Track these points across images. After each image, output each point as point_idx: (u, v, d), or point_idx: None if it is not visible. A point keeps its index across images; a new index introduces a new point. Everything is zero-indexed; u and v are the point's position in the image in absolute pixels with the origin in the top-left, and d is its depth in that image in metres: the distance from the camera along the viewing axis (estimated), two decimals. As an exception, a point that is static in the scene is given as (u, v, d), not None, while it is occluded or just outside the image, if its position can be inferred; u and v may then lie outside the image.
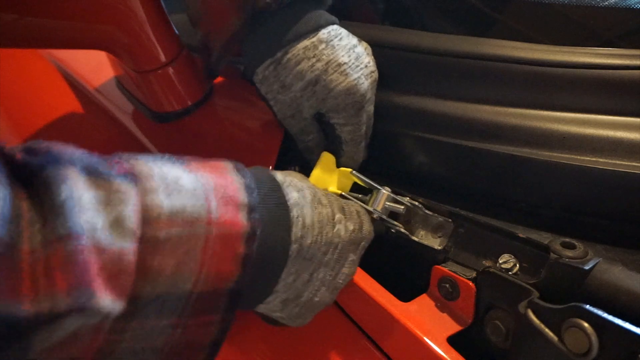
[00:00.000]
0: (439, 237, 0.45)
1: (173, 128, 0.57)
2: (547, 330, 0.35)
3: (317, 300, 0.40)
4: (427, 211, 0.46)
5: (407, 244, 0.46)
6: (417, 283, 0.45)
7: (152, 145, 0.58)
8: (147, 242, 0.29)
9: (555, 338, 0.34)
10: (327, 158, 0.47)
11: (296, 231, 0.37)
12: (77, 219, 0.26)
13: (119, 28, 0.50)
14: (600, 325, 0.32)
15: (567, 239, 0.38)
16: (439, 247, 0.45)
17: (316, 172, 0.47)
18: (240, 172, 0.36)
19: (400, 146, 0.52)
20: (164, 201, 0.30)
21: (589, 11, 0.50)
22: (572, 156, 0.42)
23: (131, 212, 0.28)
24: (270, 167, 0.48)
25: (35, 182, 0.27)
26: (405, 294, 0.43)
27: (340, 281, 0.41)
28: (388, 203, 0.46)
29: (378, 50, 0.51)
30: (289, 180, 0.39)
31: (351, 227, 0.41)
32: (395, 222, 0.46)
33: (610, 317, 0.32)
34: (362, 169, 0.48)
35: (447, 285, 0.42)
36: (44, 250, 0.25)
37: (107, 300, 0.27)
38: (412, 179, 0.51)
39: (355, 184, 0.48)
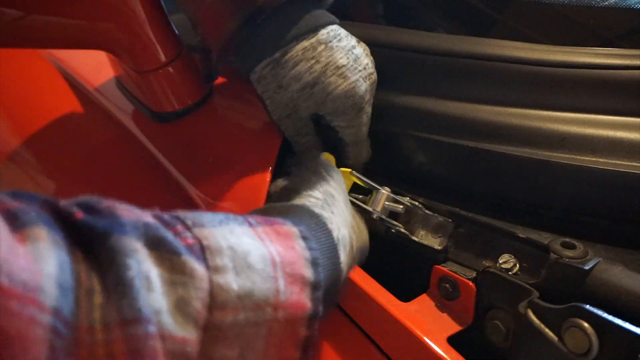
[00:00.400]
0: (439, 237, 0.45)
1: (173, 128, 0.57)
2: (547, 330, 0.35)
3: None
4: (427, 211, 0.46)
5: (407, 244, 0.46)
6: (417, 283, 0.45)
7: (152, 145, 0.58)
8: (213, 329, 0.27)
9: (555, 338, 0.34)
10: (326, 158, 0.47)
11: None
12: (145, 301, 0.23)
13: (119, 28, 0.50)
14: (600, 325, 0.32)
15: (567, 239, 0.38)
16: (439, 247, 0.44)
17: None
18: (306, 241, 0.33)
19: (400, 146, 0.52)
20: (232, 283, 0.28)
21: (589, 11, 0.50)
22: (572, 156, 0.42)
23: (197, 297, 0.26)
24: (270, 167, 0.48)
25: (97, 250, 0.24)
26: (405, 294, 0.43)
27: None
28: (387, 203, 0.46)
29: (378, 50, 0.51)
30: (340, 235, 0.38)
31: (358, 244, 0.42)
32: (395, 222, 0.46)
33: (610, 317, 0.32)
34: (362, 169, 0.48)
35: (447, 285, 0.42)
36: (106, 332, 0.23)
37: None
38: (412, 179, 0.51)
39: (354, 183, 0.48)
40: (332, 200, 0.40)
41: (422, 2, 0.60)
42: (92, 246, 0.24)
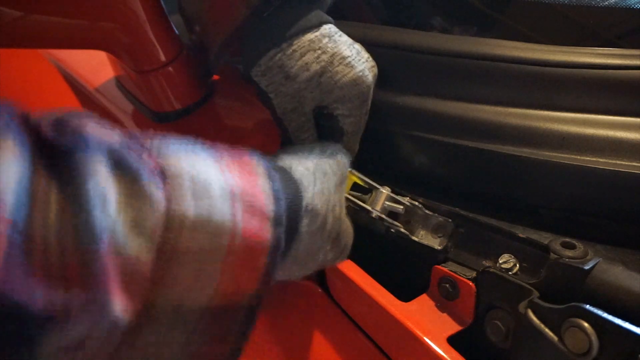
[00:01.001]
0: (439, 237, 0.45)
1: (173, 128, 0.57)
2: (547, 330, 0.35)
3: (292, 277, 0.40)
4: (427, 211, 0.46)
5: (407, 244, 0.46)
6: (417, 283, 0.45)
7: (152, 145, 0.57)
8: (167, 250, 0.28)
9: (555, 338, 0.34)
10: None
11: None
12: (100, 217, 0.24)
13: (119, 28, 0.50)
14: (600, 325, 0.32)
15: (567, 239, 0.38)
16: (439, 247, 0.44)
17: None
18: (270, 176, 0.34)
19: (400, 146, 0.52)
20: (189, 209, 0.28)
21: (589, 11, 0.50)
22: (573, 156, 0.42)
23: (153, 218, 0.27)
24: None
25: (60, 165, 0.24)
26: (405, 294, 0.43)
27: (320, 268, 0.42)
28: (387, 202, 0.46)
29: (378, 50, 0.51)
30: (291, 203, 0.37)
31: (330, 257, 0.41)
32: (395, 222, 0.46)
33: (610, 317, 0.32)
34: (362, 169, 0.48)
35: (447, 285, 0.42)
36: (60, 246, 0.23)
37: (121, 305, 0.25)
38: (412, 179, 0.51)
39: (354, 183, 0.48)
40: (320, 171, 0.41)
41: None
42: (55, 162, 0.24)
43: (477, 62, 0.48)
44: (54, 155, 0.25)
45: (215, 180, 0.31)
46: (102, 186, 0.25)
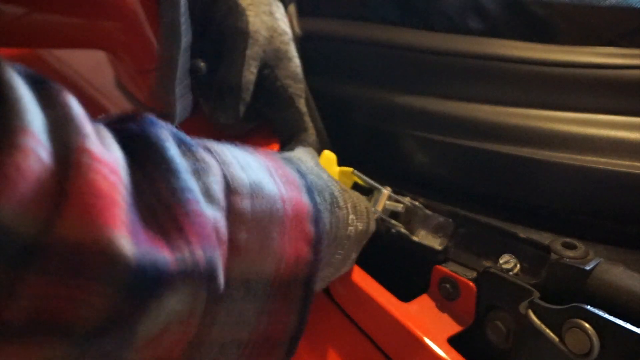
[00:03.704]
0: (439, 237, 0.45)
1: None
2: (547, 330, 0.35)
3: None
4: (427, 211, 0.46)
5: (407, 244, 0.46)
6: (417, 283, 0.45)
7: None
8: (234, 214, 0.28)
9: (556, 339, 0.34)
10: (328, 156, 0.47)
11: None
12: (186, 178, 0.25)
13: (119, 28, 0.50)
14: (601, 325, 0.32)
15: (568, 239, 0.38)
16: (439, 247, 0.44)
17: None
18: (287, 161, 0.36)
19: (400, 146, 0.52)
20: (242, 174, 0.29)
21: (589, 11, 0.50)
22: (573, 156, 0.42)
23: (216, 183, 0.27)
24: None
25: (138, 144, 0.25)
26: (406, 294, 0.43)
27: (336, 277, 0.41)
28: (388, 202, 0.46)
29: (378, 50, 0.51)
30: (310, 179, 0.37)
31: (360, 227, 0.40)
32: (396, 222, 0.46)
33: (611, 318, 0.32)
34: (362, 169, 0.48)
35: (448, 286, 0.42)
36: (162, 205, 0.24)
37: (220, 266, 0.26)
38: (412, 179, 0.51)
39: (355, 183, 0.48)
40: (296, 159, 0.40)
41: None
42: (133, 145, 0.25)
43: (477, 62, 0.48)
44: (130, 139, 0.26)
45: (251, 160, 0.32)
46: (177, 153, 0.26)
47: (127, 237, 0.21)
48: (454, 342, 0.40)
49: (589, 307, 0.33)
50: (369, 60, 0.54)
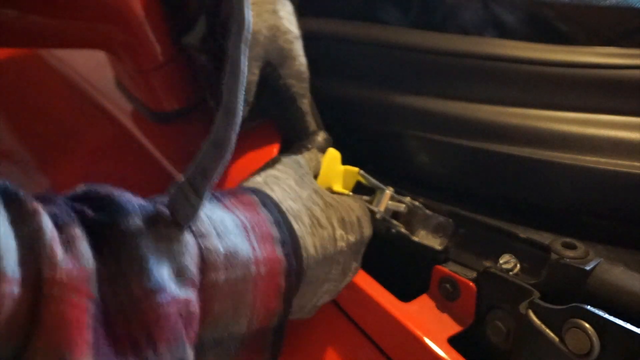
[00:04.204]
0: (440, 237, 0.45)
1: (173, 128, 0.57)
2: (548, 330, 0.35)
3: (319, 304, 0.41)
4: (427, 211, 0.46)
5: (407, 244, 0.46)
6: (417, 283, 0.45)
7: (152, 145, 0.57)
8: (208, 287, 0.29)
9: (556, 339, 0.34)
10: (332, 155, 0.47)
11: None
12: (158, 272, 0.26)
13: (119, 27, 0.50)
14: (601, 325, 0.32)
15: (568, 239, 0.38)
16: (440, 247, 0.44)
17: (321, 170, 0.46)
18: (267, 206, 0.36)
19: (400, 146, 0.52)
20: (218, 246, 0.30)
21: (589, 11, 0.50)
22: (573, 156, 0.42)
23: (191, 262, 0.29)
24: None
25: (108, 238, 0.26)
26: (405, 294, 0.43)
27: (343, 286, 0.42)
28: (390, 202, 0.46)
29: (378, 50, 0.51)
30: (285, 207, 0.38)
31: (352, 239, 0.41)
32: (396, 222, 0.46)
33: (611, 318, 0.32)
34: (361, 169, 0.48)
35: (448, 286, 0.42)
36: (134, 305, 0.25)
37: (189, 350, 0.27)
38: (412, 179, 0.51)
39: (357, 183, 0.48)
40: (272, 180, 0.40)
41: None
42: (103, 235, 0.26)
43: (477, 62, 0.48)
44: (102, 229, 0.27)
45: (227, 218, 0.33)
46: (149, 244, 0.27)
47: (89, 358, 0.23)
48: (454, 342, 0.40)
49: (589, 307, 0.33)
50: (369, 60, 0.54)
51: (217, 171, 0.29)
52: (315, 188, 0.41)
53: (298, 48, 0.50)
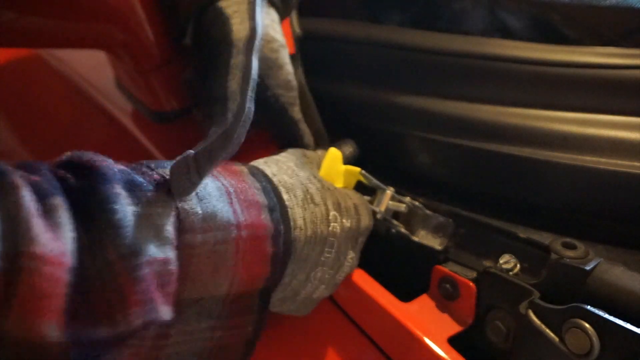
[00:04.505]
0: (439, 237, 0.45)
1: (173, 128, 0.57)
2: (548, 330, 0.35)
3: (315, 297, 0.41)
4: (427, 211, 0.46)
5: (407, 244, 0.46)
6: (417, 283, 0.45)
7: (152, 145, 0.57)
8: (185, 248, 0.30)
9: (556, 339, 0.34)
10: (333, 154, 0.47)
11: None
12: (133, 235, 0.27)
13: (119, 27, 0.50)
14: (601, 325, 0.32)
15: (568, 239, 0.38)
16: (440, 248, 0.44)
17: (322, 169, 0.46)
18: (255, 175, 0.37)
19: (400, 146, 0.52)
20: (196, 208, 0.31)
21: (589, 11, 0.50)
22: (573, 156, 0.42)
23: (169, 222, 0.29)
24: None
25: (88, 201, 0.27)
26: (405, 294, 0.43)
27: (340, 278, 0.41)
28: (391, 202, 0.46)
29: (378, 50, 0.51)
30: (278, 179, 0.39)
31: (348, 224, 0.41)
32: (396, 222, 0.46)
33: (611, 318, 0.32)
34: (361, 169, 0.48)
35: (448, 286, 0.42)
36: (110, 269, 0.26)
37: (165, 311, 0.28)
38: (412, 178, 0.51)
39: (358, 183, 0.48)
40: (273, 161, 0.41)
41: None
42: (83, 201, 0.27)
43: (477, 62, 0.48)
44: (82, 197, 0.28)
45: (210, 184, 0.33)
46: (127, 208, 0.28)
47: (55, 326, 0.24)
48: (454, 342, 0.40)
49: (589, 307, 0.33)
50: (369, 60, 0.54)
51: (221, 158, 0.31)
52: (314, 173, 0.42)
53: (284, 56, 0.49)
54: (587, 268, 0.35)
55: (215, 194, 0.33)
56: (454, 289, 0.42)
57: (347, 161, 0.49)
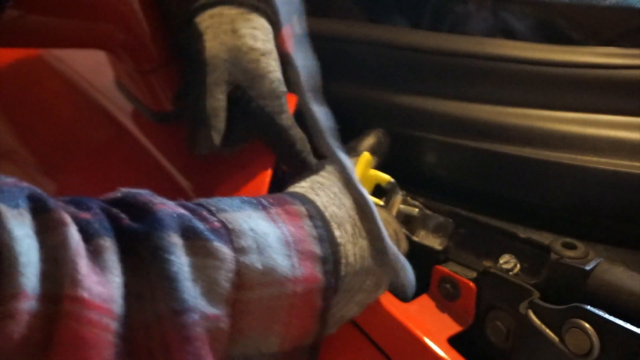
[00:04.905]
0: (440, 237, 0.45)
1: (173, 128, 0.57)
2: (548, 330, 0.35)
3: (346, 316, 0.39)
4: (427, 211, 0.46)
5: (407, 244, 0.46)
6: (417, 283, 0.45)
7: (152, 145, 0.57)
8: (241, 304, 0.29)
9: (556, 339, 0.34)
10: (367, 158, 0.46)
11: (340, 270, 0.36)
12: (187, 290, 0.26)
13: (119, 28, 0.50)
14: (601, 325, 0.32)
15: (568, 239, 0.38)
16: (440, 248, 0.44)
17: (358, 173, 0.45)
18: (312, 219, 0.35)
19: (400, 146, 0.52)
20: (256, 263, 0.30)
21: (589, 11, 0.50)
22: (573, 156, 0.42)
23: (225, 278, 0.28)
24: (270, 167, 0.48)
25: (141, 248, 0.26)
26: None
27: (373, 299, 0.40)
28: (402, 206, 0.46)
29: (378, 50, 0.51)
30: (329, 213, 0.36)
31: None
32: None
33: (611, 318, 0.32)
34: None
35: (448, 286, 0.42)
36: (158, 325, 0.25)
37: None
38: (412, 178, 0.51)
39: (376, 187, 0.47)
40: (318, 186, 0.39)
41: None
42: (136, 246, 0.26)
43: (477, 62, 0.48)
44: (136, 240, 0.26)
45: (271, 232, 0.32)
46: (183, 260, 0.26)
47: None
48: (454, 342, 0.40)
49: (589, 307, 0.33)
50: (369, 60, 0.54)
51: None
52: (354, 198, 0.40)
53: (266, 64, 0.47)
54: (587, 268, 0.35)
55: (275, 245, 0.31)
56: (454, 289, 0.42)
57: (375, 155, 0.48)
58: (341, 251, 0.35)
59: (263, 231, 0.31)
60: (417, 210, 0.46)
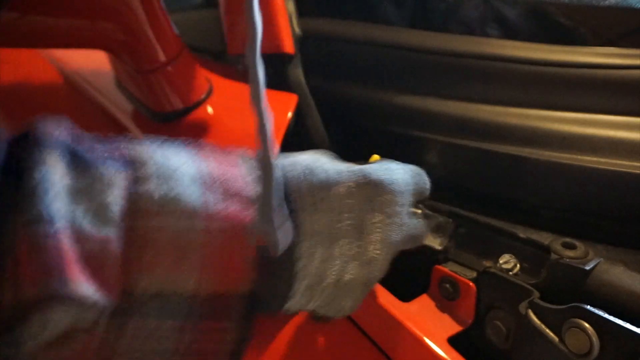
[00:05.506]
0: (439, 237, 0.45)
1: (173, 128, 0.57)
2: (547, 330, 0.35)
3: (349, 279, 0.34)
4: (427, 211, 0.46)
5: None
6: (417, 283, 0.45)
7: (152, 145, 0.57)
8: (137, 232, 0.28)
9: (556, 338, 0.34)
10: (375, 159, 0.46)
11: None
12: (49, 203, 0.25)
13: (119, 28, 0.50)
14: (601, 325, 0.32)
15: (568, 239, 0.38)
16: (440, 247, 0.44)
17: None
18: (250, 163, 0.33)
19: (400, 146, 0.52)
20: (155, 190, 0.28)
21: (589, 11, 0.50)
22: (573, 156, 0.42)
23: (114, 201, 0.27)
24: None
25: (21, 169, 0.26)
26: (405, 294, 0.43)
27: (377, 251, 0.35)
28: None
29: (378, 50, 0.51)
30: (295, 158, 0.34)
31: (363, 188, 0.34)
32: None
33: (611, 318, 0.32)
34: None
35: (448, 286, 0.42)
36: (13, 238, 0.24)
37: (88, 289, 0.25)
38: (412, 179, 0.51)
39: None
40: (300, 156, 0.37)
41: None
42: (20, 168, 0.26)
43: (477, 62, 0.48)
44: (19, 162, 0.26)
45: (183, 166, 0.30)
46: (52, 174, 0.26)
47: None
48: (454, 342, 0.40)
49: (589, 307, 0.33)
50: (369, 60, 0.54)
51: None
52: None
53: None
54: (587, 268, 0.35)
55: (186, 177, 0.30)
56: (454, 289, 0.42)
57: None
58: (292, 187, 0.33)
59: (174, 164, 0.30)
60: (419, 212, 0.46)
